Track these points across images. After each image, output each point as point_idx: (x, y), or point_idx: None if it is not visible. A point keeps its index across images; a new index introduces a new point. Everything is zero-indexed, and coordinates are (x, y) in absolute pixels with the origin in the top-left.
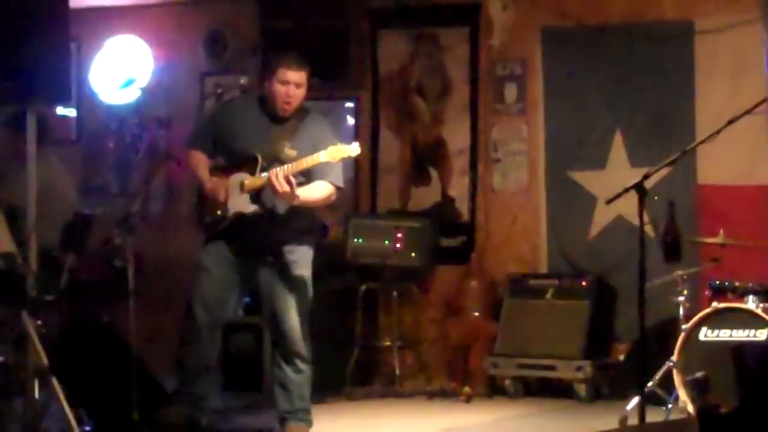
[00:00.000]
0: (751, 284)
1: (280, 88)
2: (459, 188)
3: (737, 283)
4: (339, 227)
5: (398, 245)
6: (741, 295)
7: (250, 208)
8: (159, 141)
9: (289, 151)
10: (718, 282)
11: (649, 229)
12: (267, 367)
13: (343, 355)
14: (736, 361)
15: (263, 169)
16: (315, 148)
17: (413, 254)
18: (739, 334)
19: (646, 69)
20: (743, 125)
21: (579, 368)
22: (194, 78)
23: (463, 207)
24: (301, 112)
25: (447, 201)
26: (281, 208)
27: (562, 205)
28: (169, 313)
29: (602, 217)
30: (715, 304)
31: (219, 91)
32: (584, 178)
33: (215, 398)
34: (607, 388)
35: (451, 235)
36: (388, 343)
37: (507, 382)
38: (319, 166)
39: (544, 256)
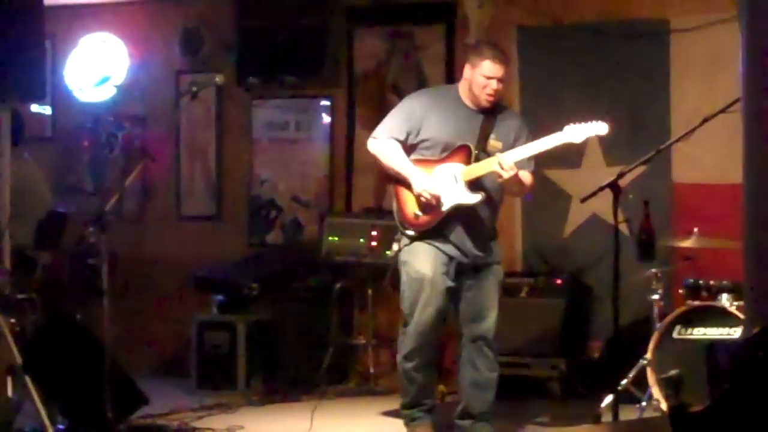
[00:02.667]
0: (724, 282)
1: (482, 82)
2: None
3: (711, 282)
4: (314, 226)
5: (373, 243)
6: (715, 293)
7: (473, 198)
8: (134, 139)
9: (495, 143)
10: (692, 280)
11: (623, 227)
12: (241, 366)
13: (318, 354)
14: (708, 360)
15: (477, 158)
16: (515, 141)
17: (388, 252)
18: (713, 333)
19: (622, 68)
20: (718, 124)
21: (553, 366)
22: (170, 76)
23: None
24: (497, 104)
25: None
26: (493, 195)
27: (537, 203)
28: (145, 312)
29: (577, 215)
30: (689, 302)
31: (194, 89)
32: (559, 176)
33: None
34: (581, 386)
35: None
36: (362, 342)
37: None
38: (523, 158)
39: (518, 254)
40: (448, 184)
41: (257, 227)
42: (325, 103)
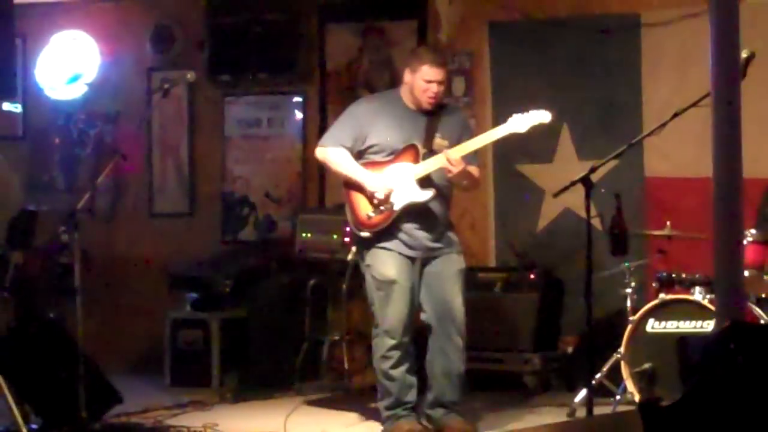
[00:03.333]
0: (697, 275)
1: (423, 85)
2: None
3: (684, 275)
4: (287, 222)
5: (347, 239)
6: (688, 286)
7: (424, 195)
8: (106, 136)
9: (441, 141)
10: (665, 274)
11: (596, 221)
12: (215, 363)
13: (292, 350)
14: (679, 354)
15: (424, 157)
16: (460, 137)
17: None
18: (686, 326)
19: (593, 62)
20: (689, 118)
21: (527, 361)
22: (141, 73)
23: None
24: (441, 104)
25: None
26: (444, 190)
27: (510, 198)
28: (118, 310)
29: (550, 210)
30: (662, 295)
31: (166, 86)
32: (532, 171)
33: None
34: (555, 380)
35: None
36: (337, 338)
37: None
38: (468, 154)
39: (492, 249)
40: (399, 184)
41: (230, 224)
42: (297, 99)
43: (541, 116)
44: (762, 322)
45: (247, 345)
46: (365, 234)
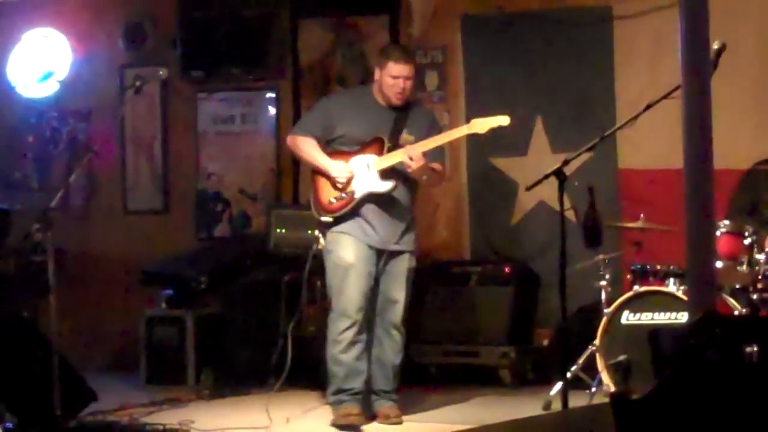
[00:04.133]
0: (672, 267)
1: (390, 81)
2: None
3: (658, 267)
4: (261, 218)
5: None
6: (662, 278)
7: (384, 186)
8: (79, 134)
9: (407, 137)
10: (639, 266)
11: (570, 214)
12: (190, 360)
13: (268, 347)
14: (651, 346)
15: (389, 150)
16: (427, 134)
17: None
18: (661, 317)
19: (566, 55)
20: (662, 110)
21: (503, 354)
22: (113, 70)
23: None
24: (412, 101)
25: None
26: (406, 185)
27: (484, 192)
28: (92, 308)
29: (524, 203)
30: (636, 287)
31: (138, 83)
32: (506, 164)
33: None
34: (531, 373)
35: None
36: (312, 334)
37: (432, 369)
38: (432, 151)
39: (467, 243)
40: (362, 173)
41: (204, 221)
42: (271, 95)
43: (500, 120)
44: (736, 313)
45: (222, 341)
46: (325, 218)
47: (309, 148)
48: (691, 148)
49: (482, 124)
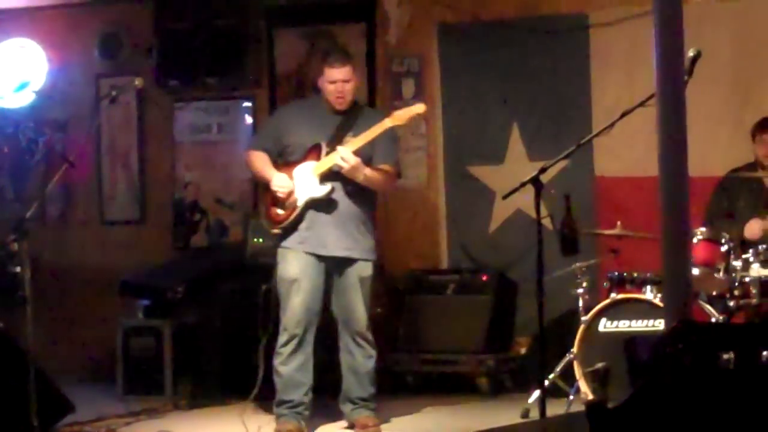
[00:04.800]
0: (648, 275)
1: (330, 87)
2: None
3: (635, 274)
4: (239, 227)
5: None
6: (639, 285)
7: (321, 190)
8: (55, 144)
9: (351, 139)
10: (616, 273)
11: (547, 222)
12: (168, 370)
13: (245, 356)
14: (627, 354)
15: (328, 154)
16: (375, 139)
17: None
18: (638, 325)
19: (542, 63)
20: (638, 117)
21: (481, 362)
22: (89, 80)
23: None
24: (356, 103)
25: None
26: (351, 188)
27: (461, 200)
28: (69, 318)
29: (501, 211)
30: (613, 295)
31: (114, 93)
32: (483, 172)
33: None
34: (509, 381)
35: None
36: None
37: (409, 378)
38: (380, 150)
39: (444, 251)
40: (303, 181)
41: (181, 230)
42: (247, 104)
43: (417, 108)
44: (713, 320)
45: (199, 351)
46: (275, 231)
47: (258, 163)
48: (666, 155)
49: (402, 115)
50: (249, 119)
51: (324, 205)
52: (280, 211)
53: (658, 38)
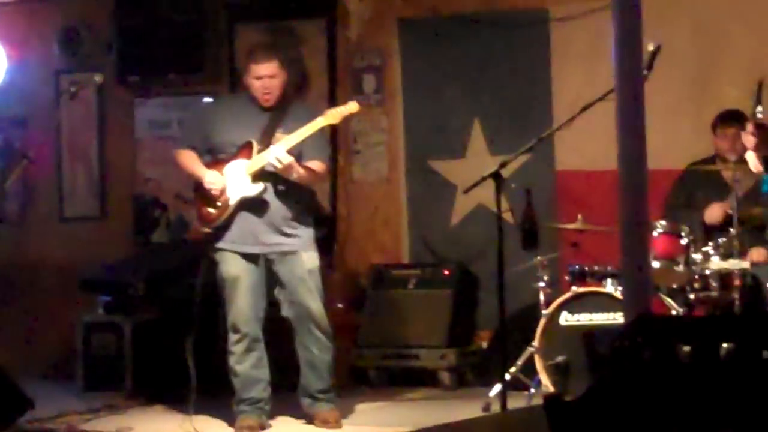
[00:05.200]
0: (609, 268)
1: (255, 83)
2: None
3: (596, 268)
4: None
5: None
6: (600, 279)
7: (254, 189)
8: (14, 141)
9: (281, 137)
10: (577, 267)
11: (508, 216)
12: (128, 367)
13: (207, 351)
14: (587, 348)
15: (259, 152)
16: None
17: None
18: (599, 318)
19: (503, 58)
20: (599, 111)
21: (443, 356)
22: (49, 76)
23: (324, 199)
24: (287, 101)
25: None
26: (283, 185)
27: (422, 194)
28: (29, 315)
29: (463, 205)
30: (574, 288)
31: (73, 89)
32: (444, 167)
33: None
34: (471, 375)
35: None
36: None
37: (371, 373)
38: (310, 145)
39: (405, 246)
40: (234, 180)
41: (142, 226)
42: (208, 100)
43: (350, 107)
44: (673, 313)
45: (161, 347)
46: (206, 230)
47: (188, 161)
48: (624, 149)
49: (335, 114)
50: None
51: (257, 203)
52: (211, 210)
53: (616, 32)
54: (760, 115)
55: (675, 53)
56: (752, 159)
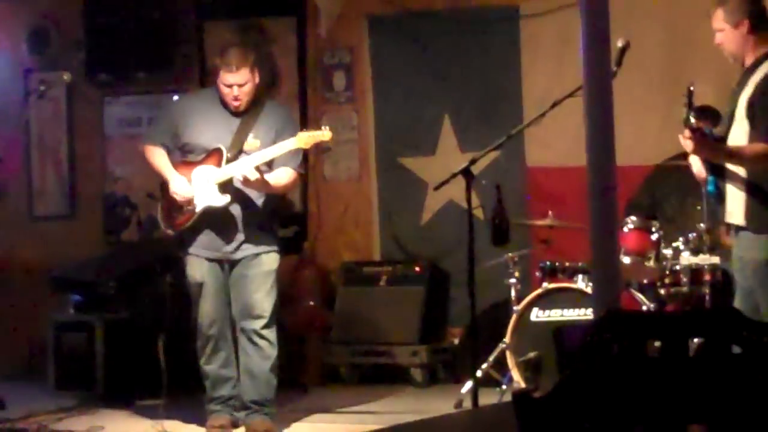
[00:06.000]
0: (580, 264)
1: (225, 90)
2: None
3: (567, 264)
4: None
5: None
6: (570, 275)
7: (221, 200)
8: None
9: (253, 142)
10: (548, 263)
11: (478, 212)
12: (100, 366)
13: (178, 352)
14: (556, 344)
15: (228, 161)
16: (277, 136)
17: None
18: (570, 314)
19: (473, 54)
20: (569, 108)
21: (414, 353)
22: (17, 74)
23: (295, 197)
24: (259, 102)
25: None
26: (252, 196)
27: (393, 191)
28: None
29: (434, 202)
30: (545, 284)
31: (42, 88)
32: (415, 164)
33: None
34: (442, 372)
35: (284, 226)
36: None
37: (343, 370)
38: (283, 154)
39: (377, 243)
40: (201, 187)
41: (112, 225)
42: (177, 98)
43: (323, 135)
44: (644, 308)
45: (132, 346)
46: (170, 232)
47: (157, 160)
48: (593, 145)
49: (308, 139)
50: None
51: (218, 211)
52: (176, 215)
53: (585, 28)
54: (693, 120)
55: (644, 50)
56: (696, 163)
